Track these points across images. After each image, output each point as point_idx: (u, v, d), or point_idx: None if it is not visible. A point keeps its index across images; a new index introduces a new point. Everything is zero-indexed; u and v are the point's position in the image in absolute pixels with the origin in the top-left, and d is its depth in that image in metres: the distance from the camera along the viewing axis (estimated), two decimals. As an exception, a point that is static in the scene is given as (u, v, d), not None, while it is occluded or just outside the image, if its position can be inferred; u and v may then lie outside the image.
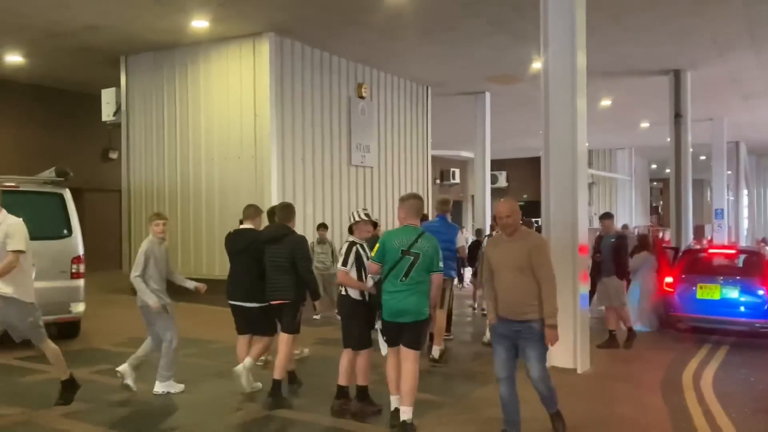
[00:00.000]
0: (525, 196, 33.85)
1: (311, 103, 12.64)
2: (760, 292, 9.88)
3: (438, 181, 30.04)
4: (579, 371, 7.54)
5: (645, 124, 23.08)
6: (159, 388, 6.30)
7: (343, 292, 5.69)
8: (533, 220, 29.51)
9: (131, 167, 13.54)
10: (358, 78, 13.93)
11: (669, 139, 15.21)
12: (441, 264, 5.35)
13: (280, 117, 11.87)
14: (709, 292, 9.93)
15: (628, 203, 32.84)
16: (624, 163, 32.00)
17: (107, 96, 13.67)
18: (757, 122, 22.62)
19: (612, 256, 9.18)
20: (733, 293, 9.87)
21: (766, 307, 9.74)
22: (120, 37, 12.02)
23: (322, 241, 11.46)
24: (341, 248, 5.83)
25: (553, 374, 7.38)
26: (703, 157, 26.82)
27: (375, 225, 6.24)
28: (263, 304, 6.30)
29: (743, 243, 25.73)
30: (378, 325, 5.51)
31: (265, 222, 7.03)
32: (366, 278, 5.60)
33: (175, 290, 6.52)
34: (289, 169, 12.09)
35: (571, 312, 7.62)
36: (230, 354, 7.01)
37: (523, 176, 33.28)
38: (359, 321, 5.61)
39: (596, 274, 9.22)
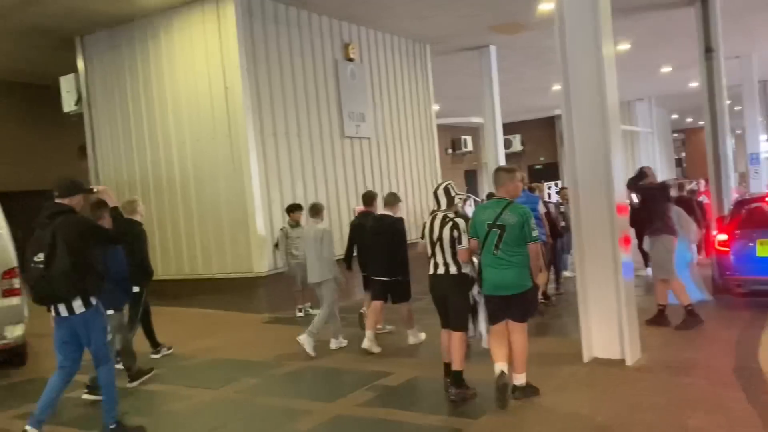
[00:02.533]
0: (542, 158, 32.18)
1: (291, 69, 11.09)
2: None
3: (450, 151, 28.44)
4: (629, 362, 6.05)
5: (667, 69, 21.19)
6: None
7: (454, 271, 5.53)
8: (553, 183, 27.55)
9: (98, 159, 12.13)
10: (344, 38, 12.34)
11: (692, 84, 13.59)
12: (535, 233, 5.18)
13: (254, 88, 10.35)
14: None
15: (651, 157, 31.03)
16: (644, 115, 30.09)
17: (66, 84, 12.19)
18: (790, 55, 20.67)
19: (656, 207, 7.64)
20: None
21: None
22: (68, 11, 10.52)
23: (296, 224, 9.87)
24: (449, 223, 5.51)
25: (597, 369, 6.02)
26: (728, 102, 24.89)
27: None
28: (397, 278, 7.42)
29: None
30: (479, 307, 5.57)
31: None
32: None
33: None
34: (271, 146, 10.59)
35: (612, 286, 6.14)
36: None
37: (538, 138, 31.56)
38: (458, 297, 5.58)
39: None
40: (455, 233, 5.46)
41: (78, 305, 4.81)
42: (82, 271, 4.77)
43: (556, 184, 28.91)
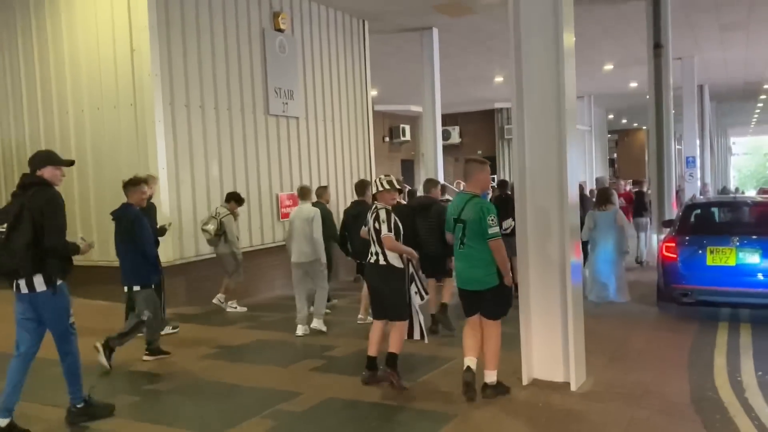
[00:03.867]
0: (480, 152, 31.68)
1: (210, 34, 9.86)
2: None
3: (387, 139, 27.57)
4: (573, 387, 5.27)
5: (609, 66, 20.89)
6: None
7: (382, 261, 5.52)
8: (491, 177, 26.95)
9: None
10: (273, 5, 11.17)
11: (632, 84, 13.06)
12: (493, 230, 5.01)
13: (165, 52, 9.10)
14: (722, 256, 7.83)
15: (588, 156, 31.05)
16: (583, 113, 30.00)
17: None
18: (728, 61, 20.69)
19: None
20: (753, 257, 7.75)
21: None
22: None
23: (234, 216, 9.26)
24: (373, 214, 5.61)
25: (538, 394, 5.21)
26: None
27: (399, 192, 6.06)
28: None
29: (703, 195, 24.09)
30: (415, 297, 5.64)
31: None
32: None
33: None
34: (182, 120, 9.37)
35: (559, 296, 5.36)
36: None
37: (476, 131, 31.05)
38: (403, 290, 5.56)
39: None
40: (376, 224, 5.52)
41: (39, 282, 4.59)
42: (46, 247, 4.54)
43: (493, 179, 28.61)
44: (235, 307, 9.39)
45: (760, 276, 7.73)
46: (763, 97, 31.42)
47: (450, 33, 14.91)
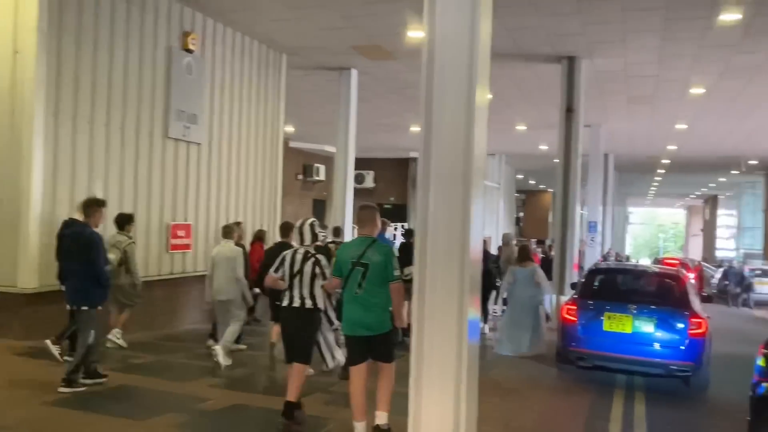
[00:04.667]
0: (392, 199, 31.66)
1: (109, 45, 9.12)
2: (680, 326, 7.82)
3: (300, 177, 27.02)
4: (463, 458, 4.82)
5: (522, 127, 21.36)
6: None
7: (309, 305, 5.55)
8: (400, 224, 26.87)
9: None
10: (184, 24, 10.55)
11: (542, 147, 13.23)
12: (397, 272, 5.12)
13: (54, 57, 8.30)
14: (619, 323, 7.82)
15: (496, 213, 31.63)
16: (493, 170, 30.62)
17: None
18: (633, 133, 21.63)
19: None
20: (648, 326, 7.80)
21: (685, 344, 7.71)
22: None
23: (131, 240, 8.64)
24: (309, 259, 5.64)
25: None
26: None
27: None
28: None
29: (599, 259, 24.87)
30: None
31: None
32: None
33: None
34: (66, 134, 8.53)
35: (454, 353, 4.94)
36: None
37: (390, 178, 31.04)
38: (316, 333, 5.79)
39: None
40: (317, 269, 5.54)
41: None
42: None
43: (402, 226, 28.49)
44: (118, 338, 8.54)
45: (655, 345, 7.75)
46: (661, 171, 33.22)
47: (369, 76, 14.72)
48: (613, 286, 9.02)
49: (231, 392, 6.67)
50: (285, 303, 5.59)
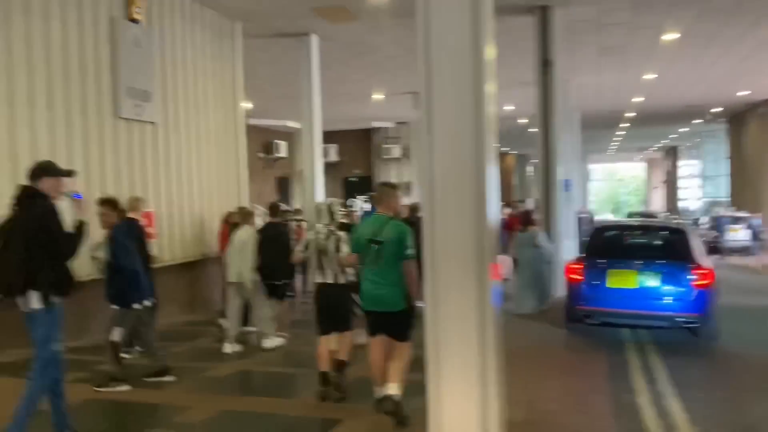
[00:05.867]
0: (357, 171, 30.91)
1: (44, 18, 8.12)
2: (685, 278, 7.75)
3: (261, 155, 26.03)
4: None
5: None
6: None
7: (341, 281, 5.86)
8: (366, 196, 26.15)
9: None
10: (126, -9, 9.56)
11: (506, 107, 12.67)
12: (410, 251, 5.12)
13: (-20, 33, 7.31)
14: (623, 279, 7.90)
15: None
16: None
17: None
18: (600, 86, 21.22)
19: None
20: (653, 281, 7.78)
21: (691, 296, 7.63)
22: None
23: None
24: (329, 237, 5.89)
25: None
26: (534, 129, 25.43)
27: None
28: None
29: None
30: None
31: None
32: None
33: None
34: (3, 119, 7.57)
35: (475, 337, 4.33)
36: None
37: (353, 150, 30.29)
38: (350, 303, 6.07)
39: None
40: (338, 245, 5.82)
41: (34, 300, 4.36)
42: (38, 263, 4.30)
43: (368, 198, 27.84)
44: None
45: (661, 299, 7.79)
46: (624, 125, 33.09)
47: (330, 42, 13.85)
48: (618, 242, 8.95)
49: (212, 396, 5.94)
50: (319, 279, 5.89)
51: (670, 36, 14.42)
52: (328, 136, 27.35)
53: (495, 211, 4.44)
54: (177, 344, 8.16)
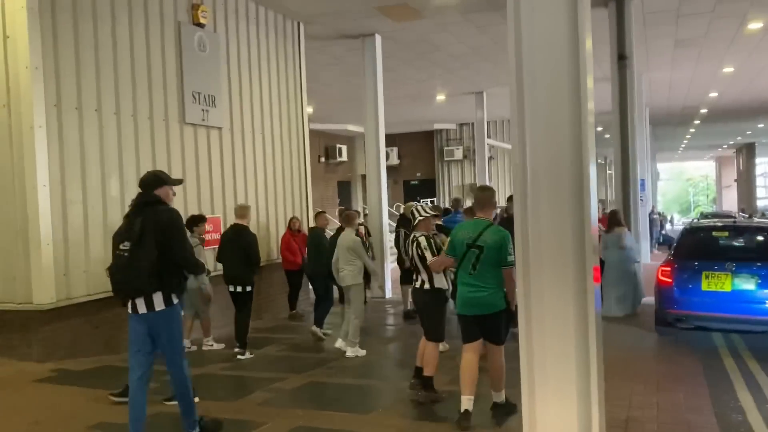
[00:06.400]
0: (419, 174, 30.58)
1: (111, 23, 8.08)
2: None
3: (323, 159, 26.03)
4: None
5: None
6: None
7: (426, 286, 5.86)
8: (429, 200, 26.02)
9: None
10: (192, -5, 9.49)
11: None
12: (511, 258, 5.02)
13: (50, 41, 7.28)
14: (718, 282, 7.59)
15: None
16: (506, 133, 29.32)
17: None
18: (673, 82, 20.25)
19: None
20: (749, 284, 7.50)
21: None
22: None
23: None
24: (413, 243, 6.01)
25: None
26: (599, 128, 24.44)
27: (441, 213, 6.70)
28: None
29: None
30: None
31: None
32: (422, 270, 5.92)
33: None
34: (72, 125, 7.52)
35: (574, 341, 3.94)
36: None
37: (415, 152, 29.98)
38: (441, 312, 5.98)
39: None
40: (419, 251, 5.90)
41: (159, 301, 4.55)
42: (166, 265, 4.52)
43: (431, 201, 27.40)
44: (212, 345, 8.36)
45: (758, 303, 7.41)
46: (696, 122, 31.65)
47: (393, 42, 13.58)
48: (709, 244, 8.63)
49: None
50: (416, 284, 5.97)
51: (754, 25, 13.52)
52: (389, 139, 27.00)
53: (595, 211, 4.01)
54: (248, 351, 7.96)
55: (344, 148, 26.76)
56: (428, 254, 5.79)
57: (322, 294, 9.09)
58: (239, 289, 7.87)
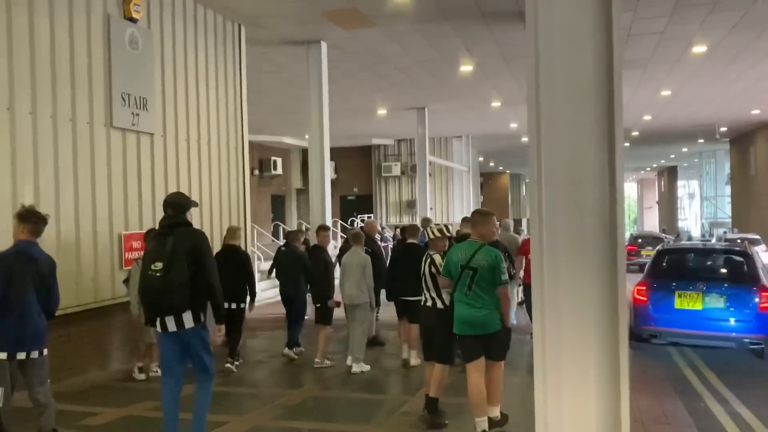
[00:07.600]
0: (356, 189, 29.97)
1: (28, 11, 7.09)
2: (754, 301, 7.96)
3: (257, 172, 25.00)
4: None
5: (497, 104, 19.89)
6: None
7: (439, 306, 5.80)
8: (366, 216, 25.42)
9: None
10: (124, -13, 8.55)
11: (512, 125, 11.65)
12: (504, 277, 5.30)
13: (-47, 24, 6.25)
14: (690, 301, 8.25)
15: (465, 196, 30.31)
16: (460, 153, 29.23)
17: None
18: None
19: None
20: (719, 302, 8.19)
21: (756, 318, 8.03)
22: None
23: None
24: (427, 260, 6.00)
25: None
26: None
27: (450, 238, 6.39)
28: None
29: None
30: None
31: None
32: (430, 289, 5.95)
33: None
34: (-22, 125, 6.50)
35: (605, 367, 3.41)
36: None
37: (352, 167, 29.37)
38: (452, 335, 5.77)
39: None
40: (432, 269, 5.85)
41: (188, 319, 4.76)
42: (197, 284, 4.75)
43: (368, 217, 26.81)
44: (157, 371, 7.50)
45: (727, 320, 8.13)
46: (626, 144, 32.45)
47: (339, 51, 12.93)
48: (681, 265, 9.25)
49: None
50: (423, 303, 5.96)
51: (698, 48, 13.63)
52: (326, 153, 26.58)
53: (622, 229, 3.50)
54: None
55: (279, 161, 25.85)
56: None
57: (300, 317, 9.02)
58: (233, 306, 7.84)
